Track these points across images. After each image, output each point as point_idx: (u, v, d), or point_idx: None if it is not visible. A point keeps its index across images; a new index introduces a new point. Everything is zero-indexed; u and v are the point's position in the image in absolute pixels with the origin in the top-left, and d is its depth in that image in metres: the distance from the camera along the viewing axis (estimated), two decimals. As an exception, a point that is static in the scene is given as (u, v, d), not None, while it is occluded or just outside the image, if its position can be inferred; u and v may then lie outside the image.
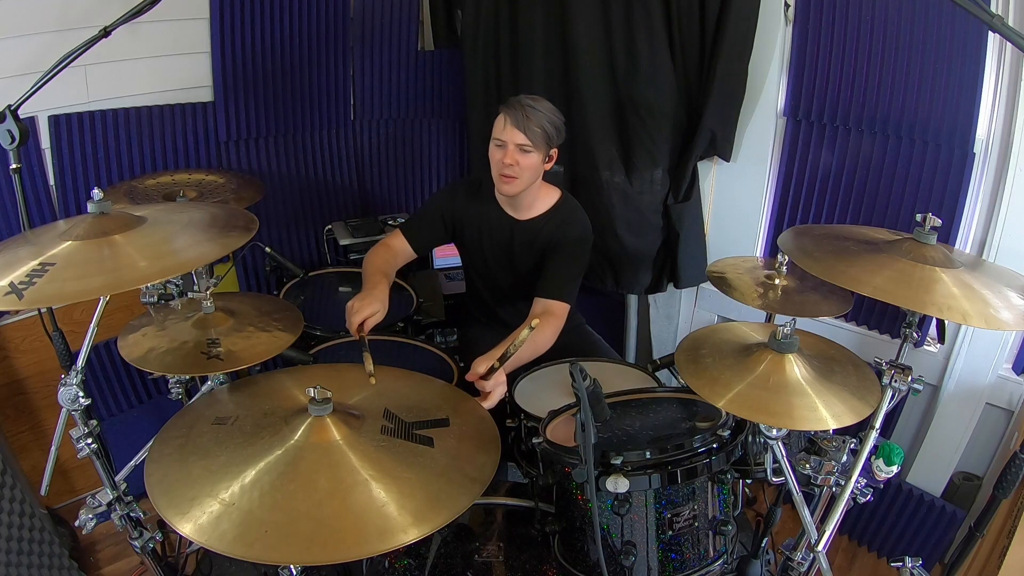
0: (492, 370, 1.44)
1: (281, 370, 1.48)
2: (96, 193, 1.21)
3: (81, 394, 1.23)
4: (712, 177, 2.37)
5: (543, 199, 1.88)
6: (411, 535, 0.97)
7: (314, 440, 1.10)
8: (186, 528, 0.96)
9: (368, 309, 1.64)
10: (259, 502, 0.99)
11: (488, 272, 2.00)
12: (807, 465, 1.26)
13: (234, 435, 1.14)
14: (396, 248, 1.93)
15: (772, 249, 2.25)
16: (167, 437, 1.15)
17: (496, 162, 1.74)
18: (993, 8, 1.59)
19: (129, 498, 1.36)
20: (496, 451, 1.20)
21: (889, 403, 1.22)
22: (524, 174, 1.72)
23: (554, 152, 1.78)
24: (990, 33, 1.56)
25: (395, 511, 1.00)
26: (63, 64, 1.45)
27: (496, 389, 1.44)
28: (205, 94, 2.29)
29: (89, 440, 1.27)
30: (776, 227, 2.28)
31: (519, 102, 1.70)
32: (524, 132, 1.68)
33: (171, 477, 1.06)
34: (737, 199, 2.34)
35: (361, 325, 1.63)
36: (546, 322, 1.68)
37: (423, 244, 1.97)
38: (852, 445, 1.26)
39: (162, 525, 1.46)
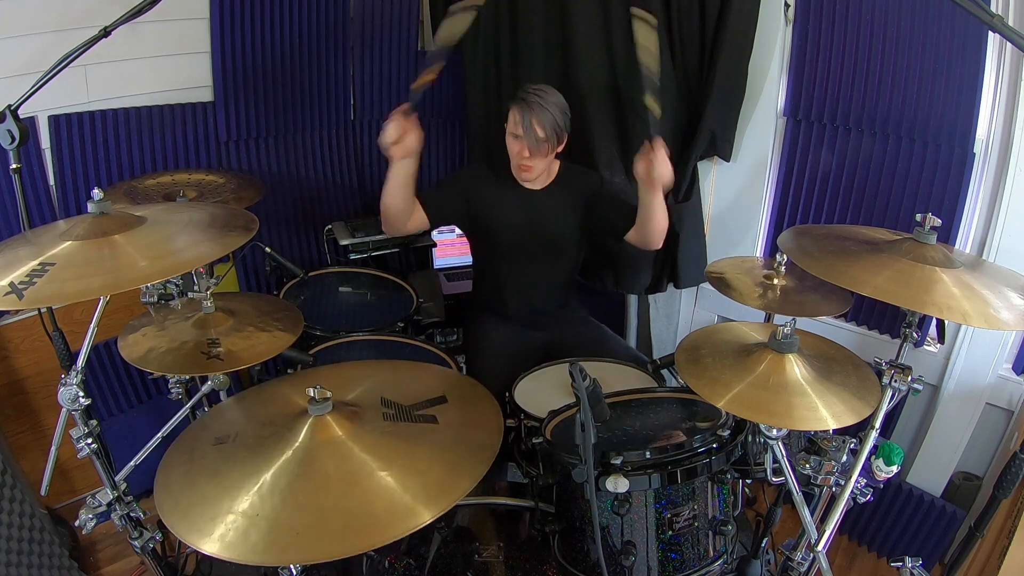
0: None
1: (271, 380, 1.44)
2: (96, 193, 1.21)
3: (81, 394, 1.23)
4: (712, 177, 2.37)
5: (552, 166, 2.01)
6: (441, 505, 0.98)
7: (320, 438, 1.09)
8: (213, 548, 0.91)
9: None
10: (283, 507, 0.97)
11: (508, 253, 2.04)
12: (807, 465, 1.26)
13: (238, 451, 1.12)
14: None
15: (772, 249, 2.24)
16: (169, 466, 1.12)
17: (515, 154, 1.89)
18: (993, 8, 1.59)
19: (129, 498, 1.35)
20: (498, 413, 1.21)
21: (889, 403, 1.21)
22: (539, 163, 1.88)
23: (565, 137, 1.89)
24: (990, 33, 1.56)
25: (419, 487, 1.01)
26: (63, 64, 1.45)
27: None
28: (205, 94, 2.28)
29: (89, 440, 1.27)
30: (776, 227, 2.27)
31: (529, 100, 1.80)
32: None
33: (184, 501, 1.02)
34: (737, 199, 2.34)
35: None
36: None
37: (438, 215, 1.98)
38: (852, 445, 1.26)
39: (162, 525, 1.46)
